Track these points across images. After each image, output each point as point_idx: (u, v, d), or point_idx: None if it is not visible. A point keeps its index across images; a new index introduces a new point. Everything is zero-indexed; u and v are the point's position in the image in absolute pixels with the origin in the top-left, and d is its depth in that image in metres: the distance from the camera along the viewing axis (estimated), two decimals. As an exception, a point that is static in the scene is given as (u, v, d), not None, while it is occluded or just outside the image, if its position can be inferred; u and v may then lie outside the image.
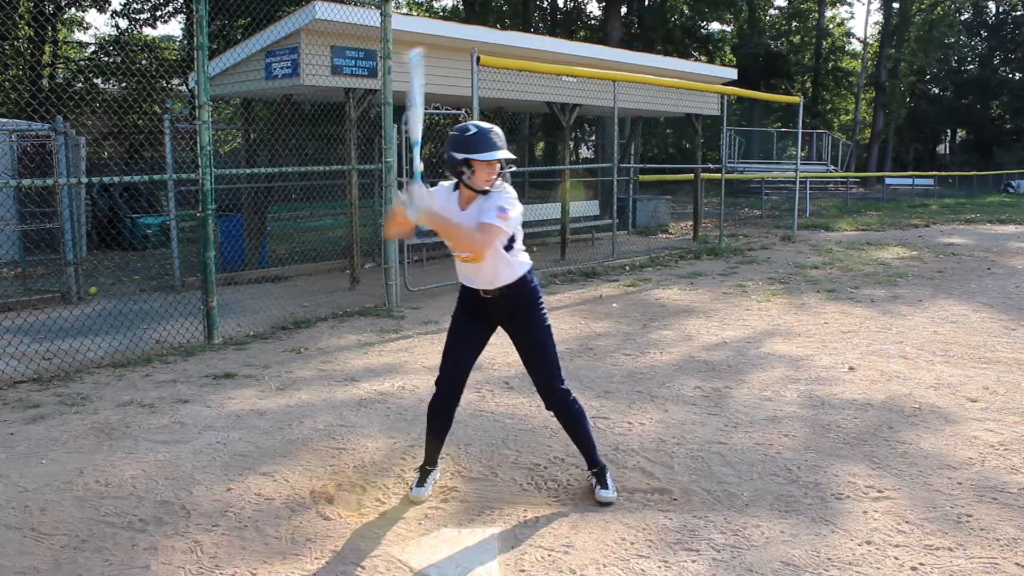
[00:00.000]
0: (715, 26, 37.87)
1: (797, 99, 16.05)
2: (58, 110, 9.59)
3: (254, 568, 3.07)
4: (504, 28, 27.33)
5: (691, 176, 15.66)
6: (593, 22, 34.81)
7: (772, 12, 41.66)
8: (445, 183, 3.53)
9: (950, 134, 51.41)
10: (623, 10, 29.23)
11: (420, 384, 5.45)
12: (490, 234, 3.31)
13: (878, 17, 53.64)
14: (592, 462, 3.67)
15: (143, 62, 24.07)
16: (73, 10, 25.74)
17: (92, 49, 27.21)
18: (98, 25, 74.26)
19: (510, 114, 16.06)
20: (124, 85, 21.23)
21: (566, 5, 35.10)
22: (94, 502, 3.61)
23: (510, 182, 3.51)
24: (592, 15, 35.79)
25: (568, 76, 11.18)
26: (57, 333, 6.60)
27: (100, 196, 13.46)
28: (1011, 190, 34.23)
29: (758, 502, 3.58)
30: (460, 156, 3.32)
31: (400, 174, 8.93)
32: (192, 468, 4.00)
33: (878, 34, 44.85)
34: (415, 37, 9.66)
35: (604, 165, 14.31)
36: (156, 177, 7.72)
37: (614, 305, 8.41)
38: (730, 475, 3.88)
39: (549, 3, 34.00)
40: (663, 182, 23.63)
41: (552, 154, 28.44)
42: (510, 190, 3.44)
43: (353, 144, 9.40)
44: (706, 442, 4.33)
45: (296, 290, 9.30)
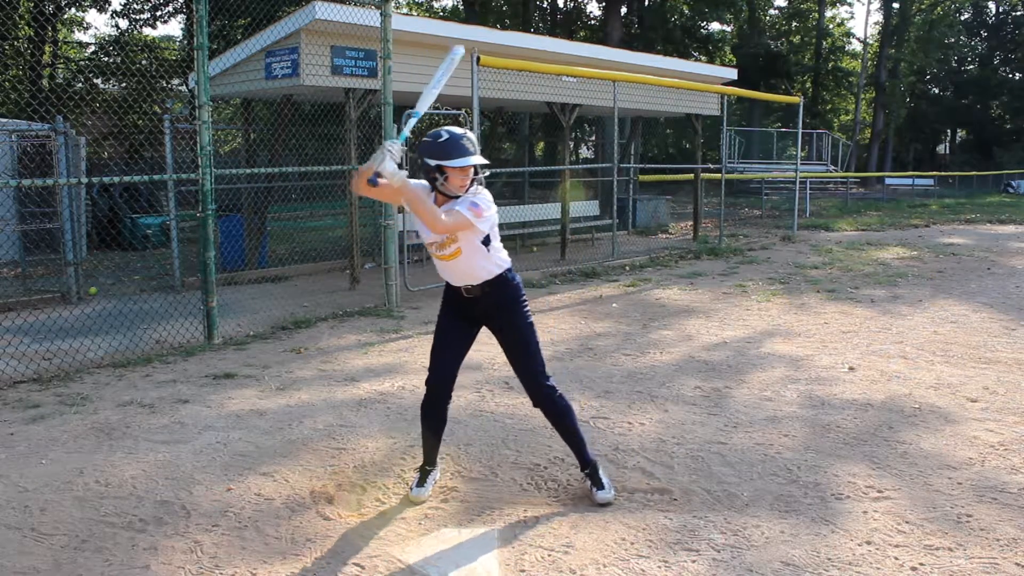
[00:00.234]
0: (715, 26, 37.90)
1: (797, 99, 16.05)
2: (58, 110, 9.59)
3: (254, 568, 3.07)
4: (504, 28, 27.33)
5: (691, 176, 15.66)
6: (593, 22, 34.81)
7: (772, 12, 41.67)
8: (423, 182, 3.51)
9: (950, 134, 51.41)
10: (623, 10, 29.23)
11: (420, 384, 5.42)
12: (456, 220, 3.30)
13: (878, 17, 53.73)
14: (584, 461, 3.67)
15: (143, 62, 24.07)
16: (73, 10, 25.74)
17: (92, 49, 27.22)
18: (98, 25, 74.34)
19: (510, 114, 16.06)
20: (124, 85, 21.23)
21: (566, 5, 35.11)
22: (94, 502, 3.61)
23: (484, 185, 3.51)
24: (592, 15, 35.80)
25: (568, 76, 11.18)
26: (57, 333, 6.60)
27: (100, 196, 13.46)
28: (1011, 190, 34.22)
29: (758, 502, 3.58)
30: (433, 163, 3.34)
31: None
32: (192, 468, 4.00)
33: (878, 34, 44.87)
34: (415, 37, 9.68)
35: (604, 165, 14.31)
36: (156, 177, 7.72)
37: (614, 305, 8.41)
38: (730, 475, 3.88)
39: (549, 3, 34.00)
40: (663, 182, 23.62)
41: (552, 154, 28.44)
42: (485, 193, 3.45)
43: (353, 144, 9.40)
44: (706, 442, 4.33)
45: (296, 290, 9.31)
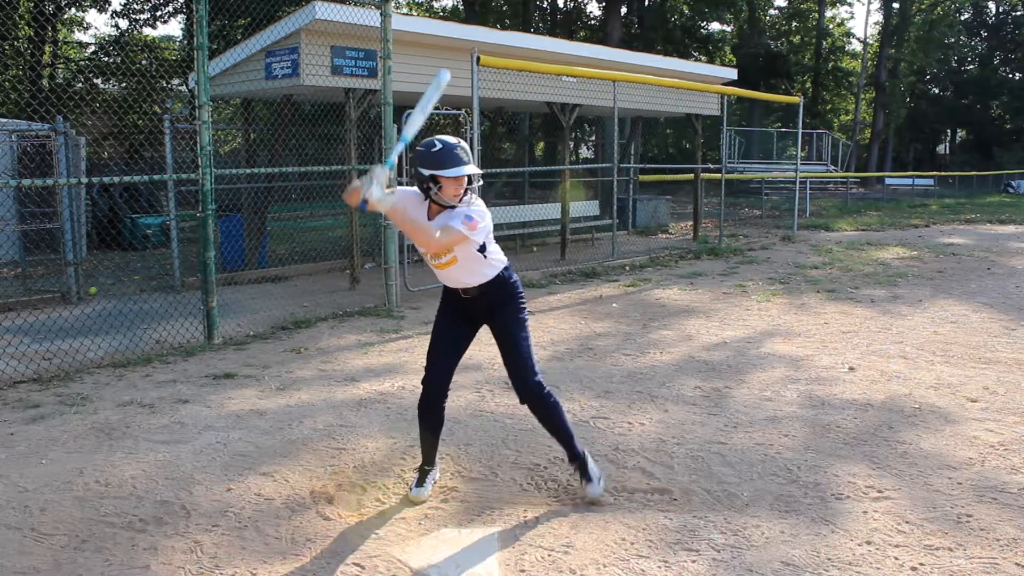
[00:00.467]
0: (715, 26, 37.88)
1: (797, 99, 16.05)
2: (58, 110, 9.59)
3: (254, 568, 3.07)
4: (504, 28, 27.33)
5: (691, 176, 15.66)
6: (593, 22, 34.80)
7: (772, 12, 41.65)
8: (415, 189, 3.51)
9: (950, 134, 51.40)
10: (623, 10, 29.22)
11: (420, 384, 5.44)
12: (450, 237, 3.32)
13: (878, 17, 53.71)
14: (573, 454, 3.66)
15: (143, 62, 24.07)
16: (73, 10, 25.74)
17: (92, 49, 27.21)
18: (98, 25, 74.32)
19: (510, 114, 16.06)
20: (124, 85, 21.23)
21: (566, 5, 35.10)
22: (94, 502, 3.61)
23: (479, 195, 3.51)
24: (592, 15, 35.78)
25: (568, 76, 11.18)
26: (57, 333, 6.60)
27: (100, 196, 13.45)
28: (1011, 190, 34.21)
29: (758, 502, 3.58)
30: (427, 172, 3.33)
31: (400, 174, 8.93)
32: (192, 468, 4.00)
33: (878, 34, 44.85)
34: (415, 37, 9.68)
35: (604, 165, 14.31)
36: (156, 177, 7.72)
37: (614, 305, 8.41)
38: (730, 475, 3.88)
39: (549, 3, 33.99)
40: (663, 182, 23.62)
41: (552, 154, 28.43)
42: (479, 203, 3.45)
43: (353, 144, 9.40)
44: (706, 442, 4.33)
45: (296, 290, 9.30)
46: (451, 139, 3.40)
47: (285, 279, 10.12)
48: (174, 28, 50.03)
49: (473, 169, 3.36)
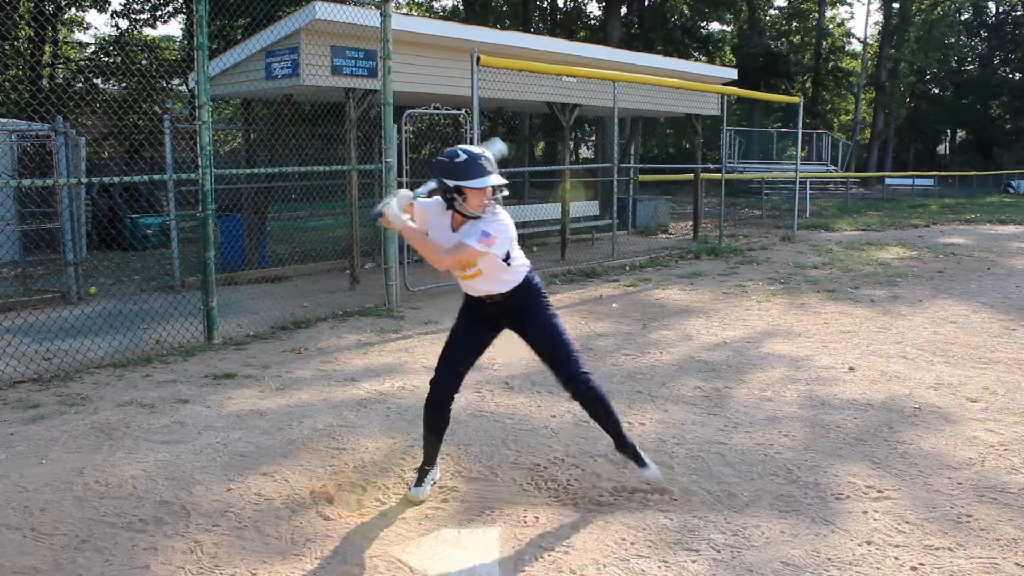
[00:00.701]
0: (715, 26, 37.86)
1: (797, 99, 16.05)
2: (58, 110, 9.59)
3: (254, 568, 3.07)
4: (504, 28, 27.33)
5: (691, 176, 15.66)
6: (593, 22, 34.79)
7: (772, 12, 41.63)
8: (438, 199, 3.50)
9: (950, 134, 51.36)
10: (623, 10, 29.20)
11: (420, 384, 5.44)
12: (461, 254, 3.34)
13: (878, 17, 53.65)
14: (622, 442, 3.71)
15: (143, 62, 24.07)
16: (73, 10, 25.73)
17: (92, 49, 27.20)
18: (98, 25, 74.25)
19: (510, 114, 16.06)
20: (124, 85, 21.24)
21: (566, 5, 35.08)
22: (94, 502, 3.61)
23: (503, 205, 3.50)
24: (592, 15, 35.78)
25: (568, 76, 11.18)
26: (57, 333, 6.60)
27: (100, 196, 13.45)
28: (1011, 190, 34.20)
29: (758, 502, 3.58)
30: (451, 183, 3.32)
31: (400, 173, 8.93)
32: (192, 468, 4.00)
33: (878, 34, 44.83)
34: (415, 37, 9.68)
35: (604, 165, 14.31)
36: (156, 177, 7.72)
37: (614, 305, 8.41)
38: (730, 475, 3.88)
39: (549, 3, 33.96)
40: (663, 182, 23.62)
41: (552, 154, 28.43)
42: (502, 213, 3.45)
43: (353, 144, 9.40)
44: (706, 442, 4.33)
45: (296, 290, 9.30)
46: (475, 149, 3.39)
47: (285, 279, 10.12)
48: (174, 28, 50.14)
49: (498, 179, 3.35)
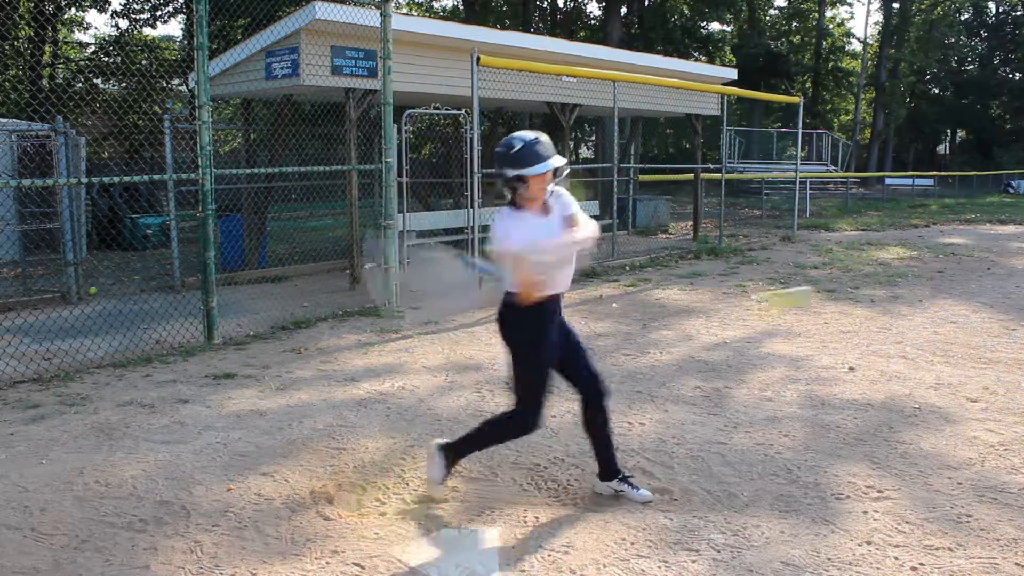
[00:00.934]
0: (715, 26, 37.84)
1: (797, 99, 16.05)
2: (58, 110, 9.59)
3: (254, 568, 3.07)
4: (504, 28, 27.33)
5: (691, 176, 15.66)
6: (593, 22, 34.78)
7: (772, 12, 41.63)
8: (507, 210, 3.39)
9: (950, 134, 51.35)
10: (623, 10, 29.20)
11: (420, 384, 5.45)
12: (592, 229, 3.39)
13: (878, 17, 53.63)
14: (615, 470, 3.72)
15: (143, 62, 24.07)
16: (73, 10, 25.73)
17: (92, 49, 27.20)
18: (98, 25, 74.31)
19: (510, 114, 16.06)
20: (124, 85, 21.24)
21: (566, 5, 35.07)
22: (94, 502, 3.61)
23: (565, 187, 3.49)
24: (592, 15, 35.76)
25: (568, 76, 11.18)
26: (57, 333, 6.60)
27: (100, 196, 13.46)
28: (1011, 190, 34.20)
29: (758, 502, 3.58)
30: (512, 173, 3.27)
31: (400, 173, 8.93)
32: (192, 468, 4.00)
33: (878, 34, 44.83)
34: (415, 37, 9.67)
35: (604, 165, 14.31)
36: (156, 177, 7.72)
37: (614, 305, 8.41)
38: (730, 475, 3.88)
39: (549, 3, 33.96)
40: (663, 182, 23.62)
41: (552, 154, 28.37)
42: (565, 196, 3.44)
43: (353, 144, 9.40)
44: (706, 442, 4.33)
45: (296, 290, 9.30)
46: (528, 134, 3.31)
47: (285, 279, 10.12)
48: (174, 28, 50.13)
49: (559, 160, 3.30)
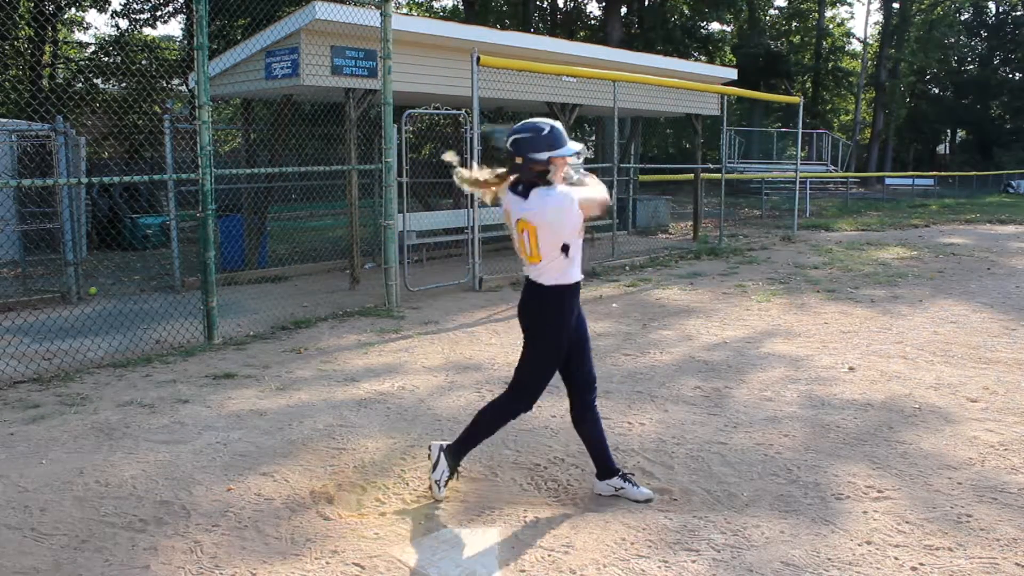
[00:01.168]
0: (715, 26, 37.85)
1: (797, 99, 16.05)
2: (58, 110, 9.58)
3: (254, 568, 3.07)
4: (504, 28, 27.33)
5: (691, 176, 15.66)
6: (593, 22, 34.79)
7: (772, 12, 41.65)
8: (512, 197, 3.41)
9: (950, 134, 51.35)
10: (623, 10, 29.22)
11: (420, 384, 5.45)
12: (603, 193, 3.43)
13: (878, 17, 53.57)
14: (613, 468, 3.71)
15: (143, 62, 24.07)
16: (73, 10, 25.73)
17: (92, 49, 27.20)
18: (98, 25, 74.25)
19: (510, 114, 16.06)
20: (124, 85, 21.24)
21: (566, 5, 35.10)
22: (94, 502, 3.61)
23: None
24: (592, 15, 35.78)
25: (568, 76, 11.18)
26: (57, 333, 6.60)
27: (100, 196, 13.45)
28: (1011, 190, 34.21)
29: (758, 502, 3.58)
30: (544, 156, 3.29)
31: (400, 173, 8.92)
32: (192, 468, 4.00)
33: (878, 34, 44.84)
34: (415, 37, 9.68)
35: (604, 165, 14.30)
36: (156, 177, 7.72)
37: (614, 305, 8.41)
38: (730, 475, 3.88)
39: (549, 3, 33.99)
40: (663, 182, 23.62)
41: (552, 154, 28.35)
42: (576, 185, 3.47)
43: (353, 144, 9.40)
44: (706, 442, 4.33)
45: (296, 290, 9.30)
46: (547, 120, 3.38)
47: (285, 279, 10.12)
48: (174, 28, 50.07)
49: (578, 145, 3.38)
